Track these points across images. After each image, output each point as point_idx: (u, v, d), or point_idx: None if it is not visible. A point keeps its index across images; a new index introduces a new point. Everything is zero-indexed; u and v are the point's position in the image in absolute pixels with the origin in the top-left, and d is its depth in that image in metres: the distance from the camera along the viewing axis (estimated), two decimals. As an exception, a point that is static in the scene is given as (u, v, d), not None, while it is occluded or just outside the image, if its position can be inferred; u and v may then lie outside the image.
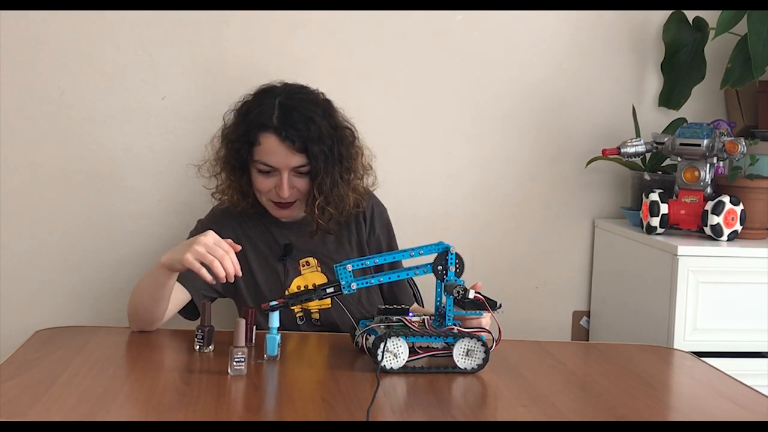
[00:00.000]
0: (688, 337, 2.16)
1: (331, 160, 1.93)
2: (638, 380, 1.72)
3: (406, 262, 1.92)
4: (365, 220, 2.08)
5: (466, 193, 2.52)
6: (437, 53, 2.45)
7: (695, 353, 1.99)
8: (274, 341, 1.70)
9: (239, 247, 1.74)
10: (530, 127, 2.53)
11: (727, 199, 2.21)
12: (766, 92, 2.45)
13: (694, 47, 2.48)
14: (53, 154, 2.32)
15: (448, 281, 1.67)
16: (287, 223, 2.04)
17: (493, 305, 1.68)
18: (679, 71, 2.50)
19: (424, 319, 1.70)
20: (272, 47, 2.37)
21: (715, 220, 2.21)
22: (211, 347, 1.75)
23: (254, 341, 1.78)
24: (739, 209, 2.23)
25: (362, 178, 2.05)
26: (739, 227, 2.24)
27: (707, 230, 2.23)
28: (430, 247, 1.68)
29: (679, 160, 2.30)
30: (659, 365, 1.90)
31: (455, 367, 1.68)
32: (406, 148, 2.46)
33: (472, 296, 1.64)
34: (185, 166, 2.29)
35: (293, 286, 2.00)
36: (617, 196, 2.60)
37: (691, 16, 2.48)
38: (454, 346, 1.67)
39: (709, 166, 2.26)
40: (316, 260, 2.03)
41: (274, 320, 1.69)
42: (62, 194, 2.34)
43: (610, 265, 2.53)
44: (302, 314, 2.00)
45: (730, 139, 2.22)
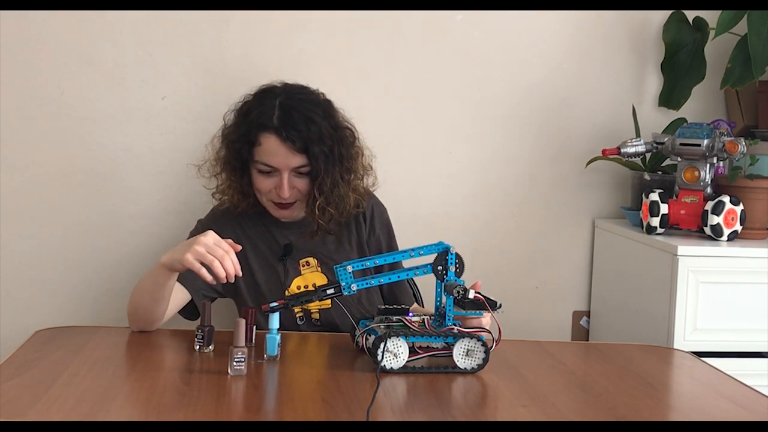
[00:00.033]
0: (688, 337, 2.16)
1: (331, 160, 1.93)
2: (638, 380, 1.72)
3: (406, 262, 1.92)
4: (365, 220, 2.08)
5: (466, 193, 2.52)
6: (437, 53, 2.45)
7: (695, 353, 1.99)
8: (274, 341, 1.70)
9: (239, 247, 1.74)
10: (530, 127, 2.53)
11: (727, 199, 2.21)
12: (766, 92, 2.45)
13: (694, 47, 2.48)
14: (53, 154, 2.32)
15: (448, 281, 1.67)
16: (287, 223, 2.04)
17: (493, 305, 1.68)
18: (679, 71, 2.50)
19: (424, 319, 1.70)
20: (272, 47, 2.37)
21: (715, 220, 2.21)
22: (211, 347, 1.75)
23: (254, 341, 1.78)
24: (739, 209, 2.23)
25: (362, 178, 2.05)
26: (739, 227, 2.24)
27: (707, 230, 2.23)
28: (430, 247, 1.68)
29: (679, 160, 2.30)
30: (659, 365, 1.90)
31: (455, 367, 1.68)
32: (406, 148, 2.46)
33: (472, 296, 1.64)
34: (185, 166, 2.29)
35: (293, 286, 2.00)
36: (617, 196, 2.60)
37: (691, 16, 2.48)
38: (454, 346, 1.67)
39: (709, 166, 2.26)
40: (316, 260, 2.03)
41: (274, 321, 1.69)
42: (62, 194, 2.34)
43: (610, 265, 2.53)
44: (302, 314, 2.00)
45: (730, 139, 2.22)
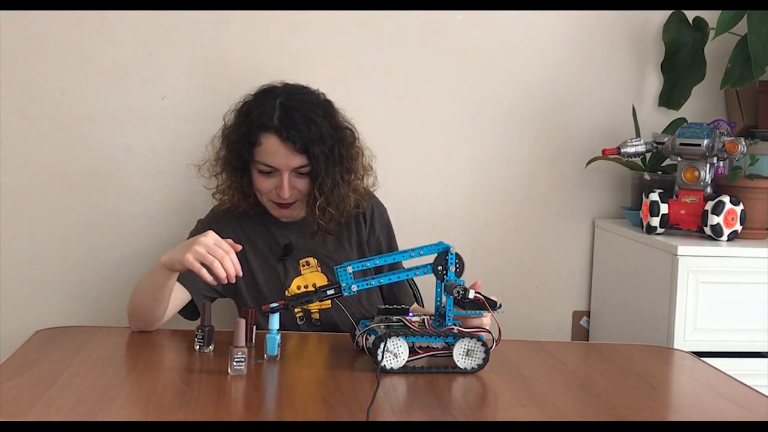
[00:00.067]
0: (688, 337, 2.16)
1: (331, 160, 1.93)
2: (638, 380, 1.72)
3: (406, 262, 1.92)
4: (365, 220, 2.08)
5: (466, 193, 2.52)
6: (437, 53, 2.45)
7: (695, 353, 1.99)
8: (274, 341, 1.70)
9: (240, 246, 1.74)
10: (530, 127, 2.53)
11: (727, 199, 2.21)
12: (766, 92, 2.45)
13: (694, 47, 2.48)
14: (53, 154, 2.32)
15: (448, 281, 1.67)
16: (287, 223, 2.04)
17: (493, 305, 1.68)
18: (679, 71, 2.50)
19: (424, 319, 1.70)
20: (272, 47, 2.37)
21: (715, 220, 2.21)
22: (211, 347, 1.75)
23: (254, 341, 1.78)
24: (739, 209, 2.23)
25: (362, 178, 2.05)
26: (739, 227, 2.24)
27: (707, 230, 2.23)
28: (430, 247, 1.68)
29: (679, 160, 2.30)
30: (659, 365, 1.90)
31: (455, 367, 1.68)
32: (406, 148, 2.46)
33: (472, 296, 1.64)
34: (185, 166, 2.29)
35: (293, 286, 2.00)
36: (617, 196, 2.60)
37: (691, 16, 2.48)
38: (454, 346, 1.67)
39: (709, 166, 2.26)
40: (316, 260, 2.03)
41: (274, 322, 1.69)
42: (62, 194, 2.33)
43: (610, 265, 2.53)
44: (302, 314, 2.00)
45: (730, 139, 2.22)
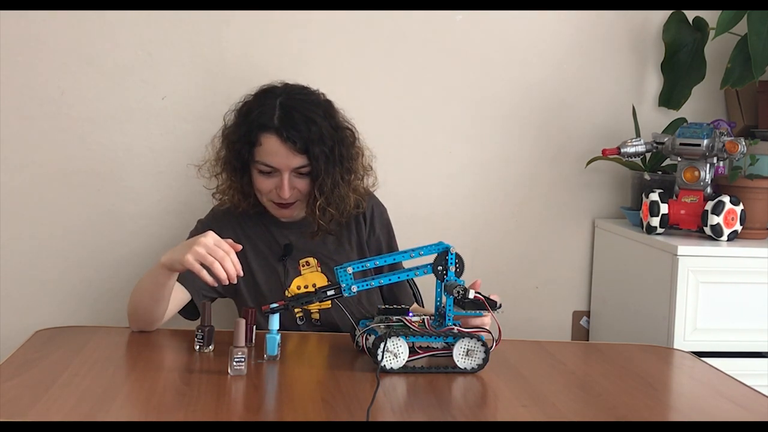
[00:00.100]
0: (688, 337, 2.16)
1: (331, 160, 1.93)
2: (638, 380, 1.72)
3: (406, 262, 1.92)
4: (365, 220, 2.08)
5: (466, 193, 2.52)
6: (437, 53, 2.45)
7: (695, 353, 1.99)
8: (274, 341, 1.70)
9: (240, 246, 1.74)
10: (530, 127, 2.53)
11: (727, 199, 2.21)
12: (766, 92, 2.45)
13: (694, 47, 2.48)
14: (53, 154, 2.32)
15: (448, 281, 1.67)
16: (287, 223, 2.04)
17: (493, 305, 1.68)
18: (679, 71, 2.50)
19: (424, 319, 1.70)
20: (272, 47, 2.37)
21: (715, 220, 2.21)
22: (211, 347, 1.75)
23: (254, 341, 1.78)
24: (739, 209, 2.23)
25: (362, 178, 2.05)
26: (739, 227, 2.24)
27: (707, 230, 2.23)
28: (430, 247, 1.68)
29: (679, 160, 2.30)
30: (659, 365, 1.90)
31: (455, 367, 1.68)
32: (406, 148, 2.46)
33: (472, 296, 1.64)
34: (185, 166, 2.29)
35: (293, 286, 2.00)
36: (617, 196, 2.60)
37: (691, 16, 2.48)
38: (454, 346, 1.67)
39: (709, 166, 2.26)
40: (316, 260, 2.03)
41: (274, 322, 1.69)
42: (62, 194, 2.33)
43: (610, 265, 2.53)
44: (302, 314, 2.00)
45: (730, 139, 2.22)
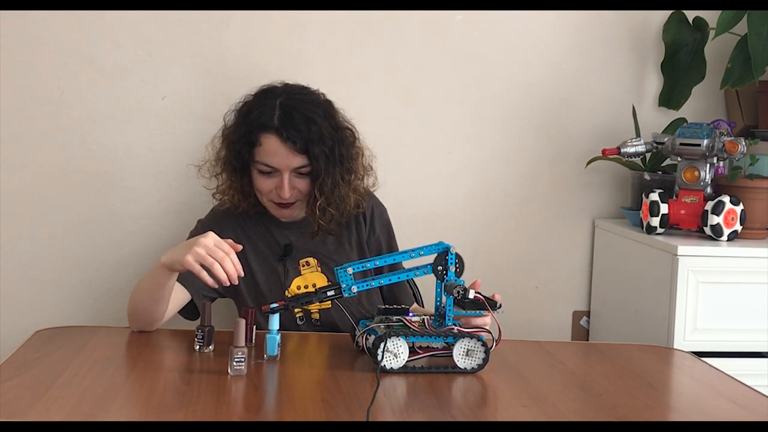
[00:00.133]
0: (688, 337, 2.16)
1: (332, 160, 1.93)
2: (638, 380, 1.72)
3: (406, 262, 1.92)
4: (365, 220, 2.08)
5: (466, 193, 2.52)
6: (437, 53, 2.45)
7: (695, 353, 1.99)
8: (274, 341, 1.70)
9: (240, 247, 1.74)
10: (530, 127, 2.53)
11: (727, 199, 2.21)
12: (766, 92, 2.45)
13: (694, 47, 2.48)
14: (53, 154, 2.32)
15: (448, 281, 1.67)
16: (287, 223, 2.04)
17: (493, 305, 1.68)
18: (679, 71, 2.50)
19: (424, 319, 1.70)
20: (272, 47, 2.37)
21: (715, 220, 2.21)
22: (211, 347, 1.75)
23: (254, 341, 1.78)
24: (739, 209, 2.23)
25: (363, 178, 2.05)
26: (739, 227, 2.24)
27: (707, 230, 2.23)
28: (430, 247, 1.68)
29: (679, 160, 2.30)
30: (659, 365, 1.90)
31: (455, 367, 1.68)
32: (406, 148, 2.46)
33: (472, 296, 1.64)
34: (185, 166, 2.29)
35: (293, 286, 2.00)
36: (617, 196, 2.60)
37: (691, 16, 2.48)
38: (454, 346, 1.67)
39: (709, 166, 2.26)
40: (316, 260, 2.03)
41: (274, 322, 1.69)
42: (62, 194, 2.33)
43: (610, 265, 2.53)
44: (302, 314, 2.00)
45: (730, 139, 2.22)
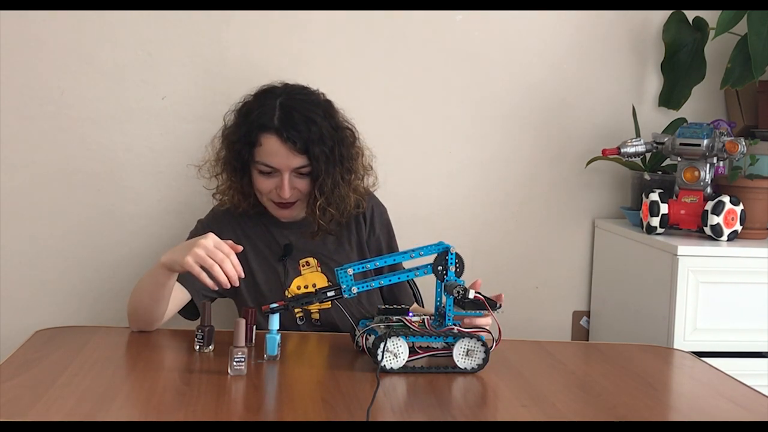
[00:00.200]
0: (688, 337, 2.16)
1: (332, 161, 1.93)
2: (638, 380, 1.72)
3: (406, 262, 1.92)
4: (365, 220, 2.08)
5: (466, 193, 2.52)
6: (437, 53, 2.45)
7: (695, 353, 1.99)
8: (274, 341, 1.70)
9: (240, 247, 1.74)
10: (530, 127, 2.53)
11: (727, 199, 2.21)
12: (766, 92, 2.45)
13: (694, 47, 2.48)
14: (53, 154, 2.32)
15: (448, 281, 1.67)
16: (287, 223, 2.04)
17: (493, 305, 1.68)
18: (679, 71, 2.50)
19: (424, 319, 1.70)
20: (272, 47, 2.37)
21: (715, 220, 2.21)
22: (211, 347, 1.75)
23: (254, 341, 1.78)
24: (739, 209, 2.23)
25: (363, 178, 2.05)
26: (739, 227, 2.24)
27: (707, 230, 2.23)
28: (430, 247, 1.68)
29: (679, 160, 2.30)
30: (659, 365, 1.90)
31: (455, 367, 1.68)
32: (406, 148, 2.46)
33: (472, 296, 1.64)
34: (185, 166, 2.29)
35: (293, 286, 2.00)
36: (617, 196, 2.60)
37: (691, 16, 2.48)
38: (454, 346, 1.67)
39: (709, 166, 2.26)
40: (316, 260, 2.03)
41: (274, 322, 1.68)
42: (62, 194, 2.33)
43: (610, 265, 2.53)
44: (302, 314, 2.00)
45: (730, 139, 2.22)
